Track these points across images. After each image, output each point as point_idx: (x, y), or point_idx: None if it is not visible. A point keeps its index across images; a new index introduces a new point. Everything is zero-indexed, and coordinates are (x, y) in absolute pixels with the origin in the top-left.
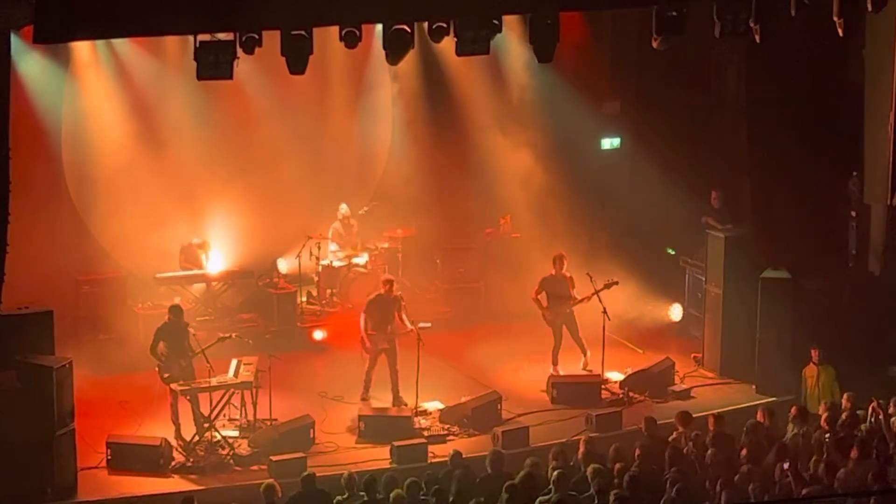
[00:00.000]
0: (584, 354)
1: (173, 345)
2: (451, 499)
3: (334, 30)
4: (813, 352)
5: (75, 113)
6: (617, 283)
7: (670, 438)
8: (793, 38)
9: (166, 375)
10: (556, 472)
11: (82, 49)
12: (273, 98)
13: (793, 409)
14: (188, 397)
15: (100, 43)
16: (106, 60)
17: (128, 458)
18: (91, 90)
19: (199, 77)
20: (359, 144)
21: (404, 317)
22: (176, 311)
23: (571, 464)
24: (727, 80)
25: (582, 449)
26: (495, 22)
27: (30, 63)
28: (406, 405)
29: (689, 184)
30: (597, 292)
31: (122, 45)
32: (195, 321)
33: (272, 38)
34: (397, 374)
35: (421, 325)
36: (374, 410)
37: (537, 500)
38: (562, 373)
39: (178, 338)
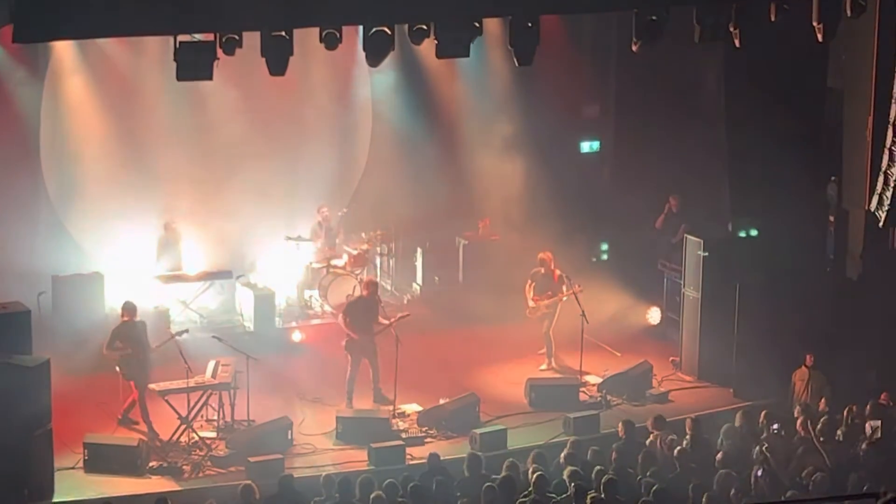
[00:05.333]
0: (549, 357)
1: (130, 342)
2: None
3: (314, 31)
4: (808, 356)
5: (54, 113)
6: (581, 290)
7: (647, 442)
8: (772, 43)
9: (125, 371)
10: (535, 475)
11: (61, 49)
12: (252, 99)
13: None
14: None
15: (78, 43)
16: (84, 61)
17: (105, 458)
18: (69, 90)
19: (179, 78)
20: (338, 146)
21: (381, 320)
22: (129, 307)
23: (552, 467)
24: (706, 85)
25: (564, 451)
26: (475, 25)
27: None
28: (389, 400)
29: (667, 187)
30: (563, 297)
31: (100, 45)
32: (174, 322)
33: (252, 39)
34: (378, 369)
35: (399, 315)
36: (352, 412)
37: (517, 502)
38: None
39: (134, 334)
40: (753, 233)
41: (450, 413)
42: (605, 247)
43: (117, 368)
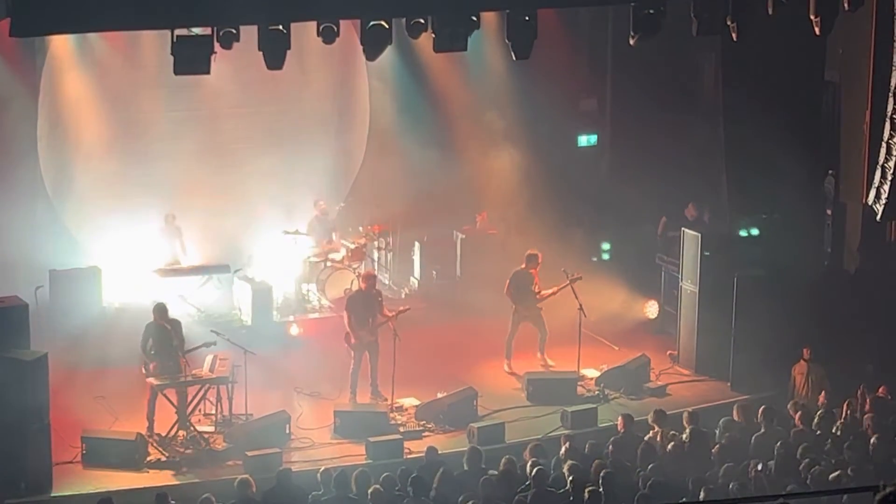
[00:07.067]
0: (541, 352)
1: (159, 344)
2: (432, 493)
3: (311, 24)
4: (805, 350)
5: (51, 107)
6: (580, 278)
7: (646, 437)
8: (769, 37)
9: (151, 373)
10: (534, 469)
11: (58, 44)
12: (249, 93)
13: (760, 410)
14: (168, 391)
15: (75, 38)
16: (81, 55)
17: (102, 452)
18: (66, 85)
19: (177, 72)
20: (336, 140)
21: (385, 313)
22: (159, 310)
23: (553, 461)
24: (704, 78)
25: (563, 445)
26: (473, 18)
27: None
28: (385, 400)
29: (665, 181)
30: (561, 288)
31: (97, 39)
32: (172, 315)
33: (250, 33)
34: (377, 369)
35: (399, 309)
36: (350, 406)
37: (516, 495)
38: (507, 369)
39: (164, 337)
40: (755, 232)
41: (448, 407)
42: (606, 246)
43: (142, 370)
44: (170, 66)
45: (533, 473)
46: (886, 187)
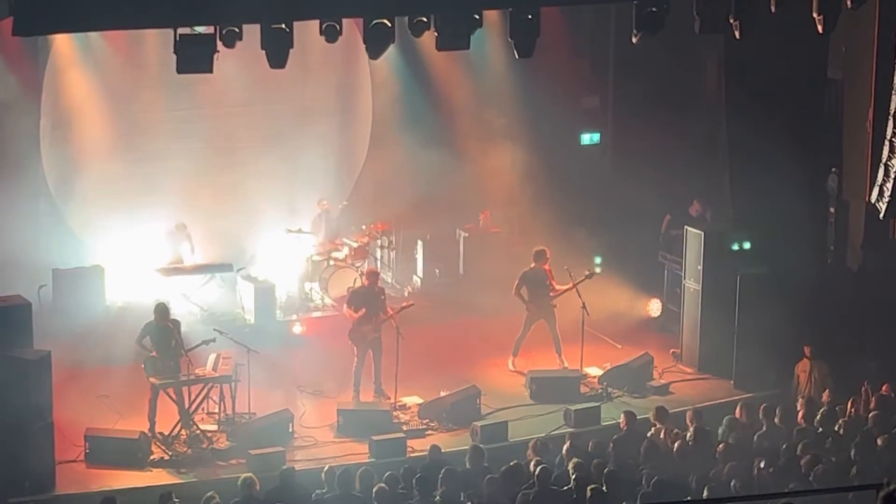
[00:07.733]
0: (559, 354)
1: (160, 344)
2: (436, 497)
3: (314, 23)
4: (806, 348)
5: (54, 106)
6: (594, 273)
7: (648, 434)
8: (772, 35)
9: (151, 372)
10: (539, 467)
11: (61, 42)
12: (252, 91)
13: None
14: (169, 391)
15: (78, 37)
16: (84, 54)
17: (106, 451)
18: (69, 83)
19: (179, 71)
20: (339, 138)
21: (388, 310)
22: (161, 310)
23: (557, 460)
24: (706, 76)
25: (566, 444)
26: (476, 17)
27: None
28: (388, 398)
29: (667, 179)
30: (576, 284)
31: (100, 38)
32: (175, 314)
33: (253, 32)
34: (381, 367)
35: (403, 304)
36: (353, 405)
37: (519, 493)
38: (512, 368)
39: (165, 337)
40: (746, 245)
41: (450, 405)
42: (598, 260)
43: (143, 365)
44: (172, 64)
45: (536, 472)
46: (889, 185)
